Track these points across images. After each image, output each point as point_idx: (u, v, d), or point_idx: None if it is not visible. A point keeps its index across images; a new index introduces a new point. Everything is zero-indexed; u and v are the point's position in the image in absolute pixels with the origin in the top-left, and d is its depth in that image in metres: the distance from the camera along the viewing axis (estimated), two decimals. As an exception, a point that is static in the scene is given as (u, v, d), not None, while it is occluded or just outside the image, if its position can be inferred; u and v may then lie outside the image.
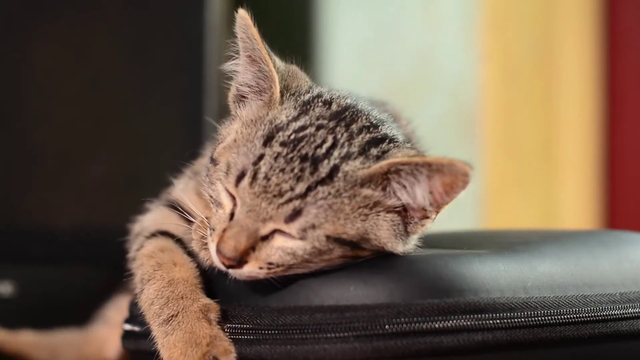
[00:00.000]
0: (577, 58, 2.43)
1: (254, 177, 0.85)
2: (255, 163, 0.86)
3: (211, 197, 0.91)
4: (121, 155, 1.59)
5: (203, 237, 0.92)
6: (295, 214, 0.85)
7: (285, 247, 0.86)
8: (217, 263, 0.87)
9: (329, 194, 0.85)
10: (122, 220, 1.06)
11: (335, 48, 2.17)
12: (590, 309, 0.91)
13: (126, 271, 0.99)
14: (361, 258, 0.87)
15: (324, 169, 0.86)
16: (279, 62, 0.94)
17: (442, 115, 2.25)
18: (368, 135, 0.89)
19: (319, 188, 0.85)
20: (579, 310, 0.90)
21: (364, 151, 0.88)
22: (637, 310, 0.94)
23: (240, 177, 0.86)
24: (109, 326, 1.29)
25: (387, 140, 0.90)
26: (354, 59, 2.22)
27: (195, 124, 1.55)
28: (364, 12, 2.25)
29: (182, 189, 1.03)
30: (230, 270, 0.87)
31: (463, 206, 2.27)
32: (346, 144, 0.87)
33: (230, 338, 0.88)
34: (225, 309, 0.90)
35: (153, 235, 0.99)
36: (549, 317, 0.88)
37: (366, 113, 0.93)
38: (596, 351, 0.92)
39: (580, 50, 2.43)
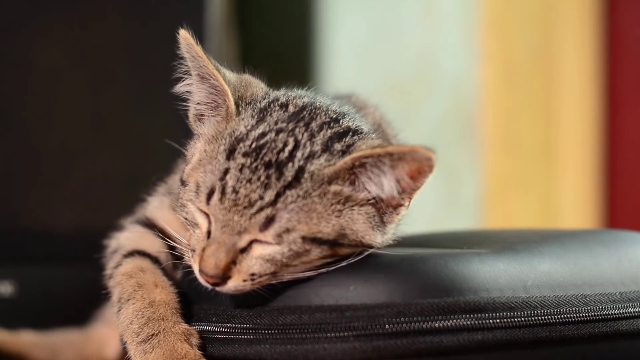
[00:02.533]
0: (577, 58, 2.43)
1: (223, 192, 0.85)
2: (222, 178, 0.86)
3: (186, 219, 0.90)
4: (121, 155, 1.59)
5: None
6: (269, 221, 0.85)
7: (264, 255, 0.85)
8: (203, 282, 0.87)
9: (298, 196, 0.85)
10: (122, 220, 1.07)
11: (335, 48, 2.17)
12: (590, 308, 0.91)
13: (104, 289, 0.99)
14: (342, 257, 0.87)
15: (290, 172, 0.85)
16: (229, 75, 0.94)
17: (442, 115, 2.25)
18: (329, 130, 0.89)
19: (288, 192, 0.85)
20: (578, 309, 0.90)
21: (327, 148, 0.88)
22: (636, 310, 0.94)
23: (210, 195, 0.86)
24: (109, 326, 1.29)
25: (350, 133, 0.90)
26: (354, 59, 2.22)
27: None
28: (364, 12, 2.25)
29: (156, 206, 1.03)
30: (217, 288, 0.87)
31: (463, 206, 2.27)
32: (308, 143, 0.87)
33: (230, 338, 0.88)
34: (225, 308, 0.90)
35: (130, 254, 0.99)
36: (549, 317, 0.88)
37: (325, 109, 0.92)
38: (596, 350, 0.92)
39: (580, 50, 2.43)
